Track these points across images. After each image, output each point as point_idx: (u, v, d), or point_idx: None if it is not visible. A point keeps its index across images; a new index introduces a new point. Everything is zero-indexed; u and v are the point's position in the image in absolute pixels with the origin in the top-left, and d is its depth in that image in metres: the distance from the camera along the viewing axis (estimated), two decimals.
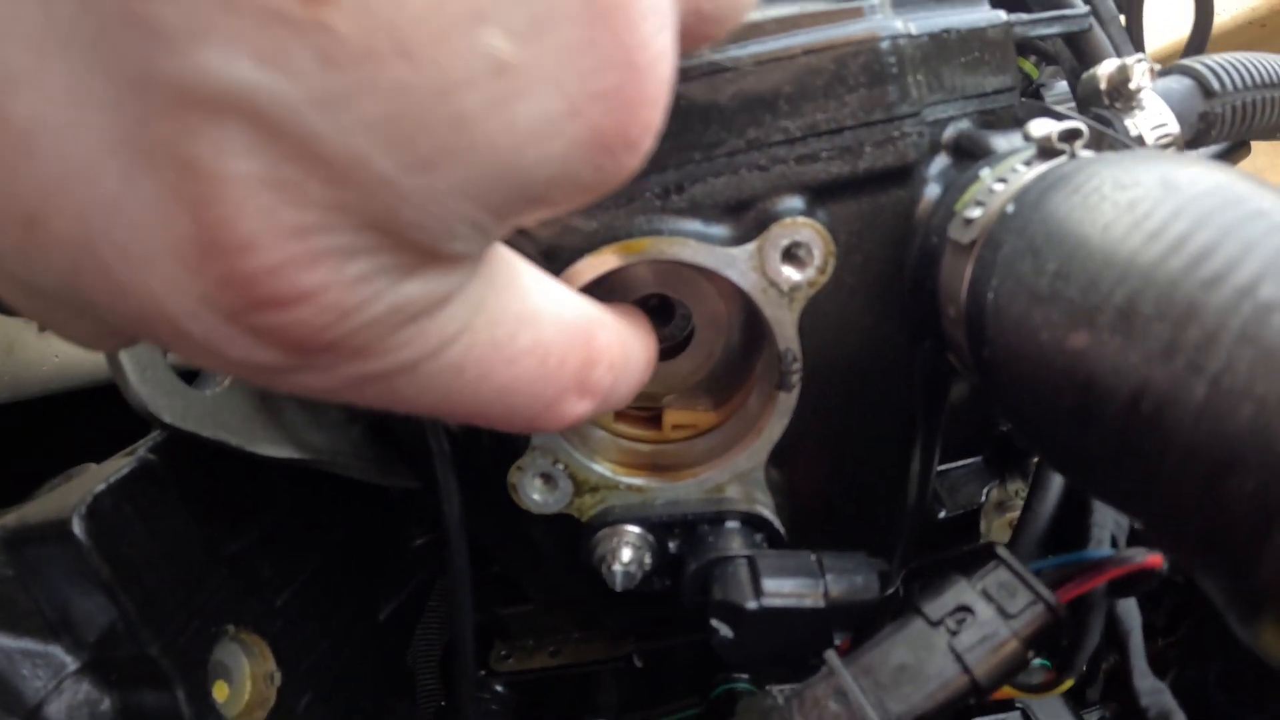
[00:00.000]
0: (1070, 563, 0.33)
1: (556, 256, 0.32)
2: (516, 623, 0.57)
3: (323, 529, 0.53)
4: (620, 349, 0.28)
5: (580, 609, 0.55)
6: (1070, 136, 0.30)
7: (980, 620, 0.30)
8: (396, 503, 0.60)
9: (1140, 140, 0.44)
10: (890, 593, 0.36)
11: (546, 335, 0.24)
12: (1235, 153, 0.58)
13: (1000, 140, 0.34)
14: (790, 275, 0.33)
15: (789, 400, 0.36)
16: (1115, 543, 0.40)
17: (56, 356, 0.73)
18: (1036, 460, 0.48)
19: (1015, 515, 0.48)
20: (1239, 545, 0.19)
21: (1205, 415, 0.19)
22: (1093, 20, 0.49)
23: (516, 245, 0.25)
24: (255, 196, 0.15)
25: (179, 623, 0.40)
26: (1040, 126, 0.30)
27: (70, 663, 0.38)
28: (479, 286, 0.21)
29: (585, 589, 0.42)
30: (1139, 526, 0.41)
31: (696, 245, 0.32)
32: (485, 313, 0.22)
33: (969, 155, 0.34)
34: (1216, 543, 0.20)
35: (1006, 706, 0.45)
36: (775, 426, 0.37)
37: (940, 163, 0.34)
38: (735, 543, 0.38)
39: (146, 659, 0.38)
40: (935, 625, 0.30)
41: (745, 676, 0.51)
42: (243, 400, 0.42)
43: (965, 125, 0.35)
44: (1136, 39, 0.59)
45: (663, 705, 0.54)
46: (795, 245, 0.33)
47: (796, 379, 0.36)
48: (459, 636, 0.41)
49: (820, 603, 0.35)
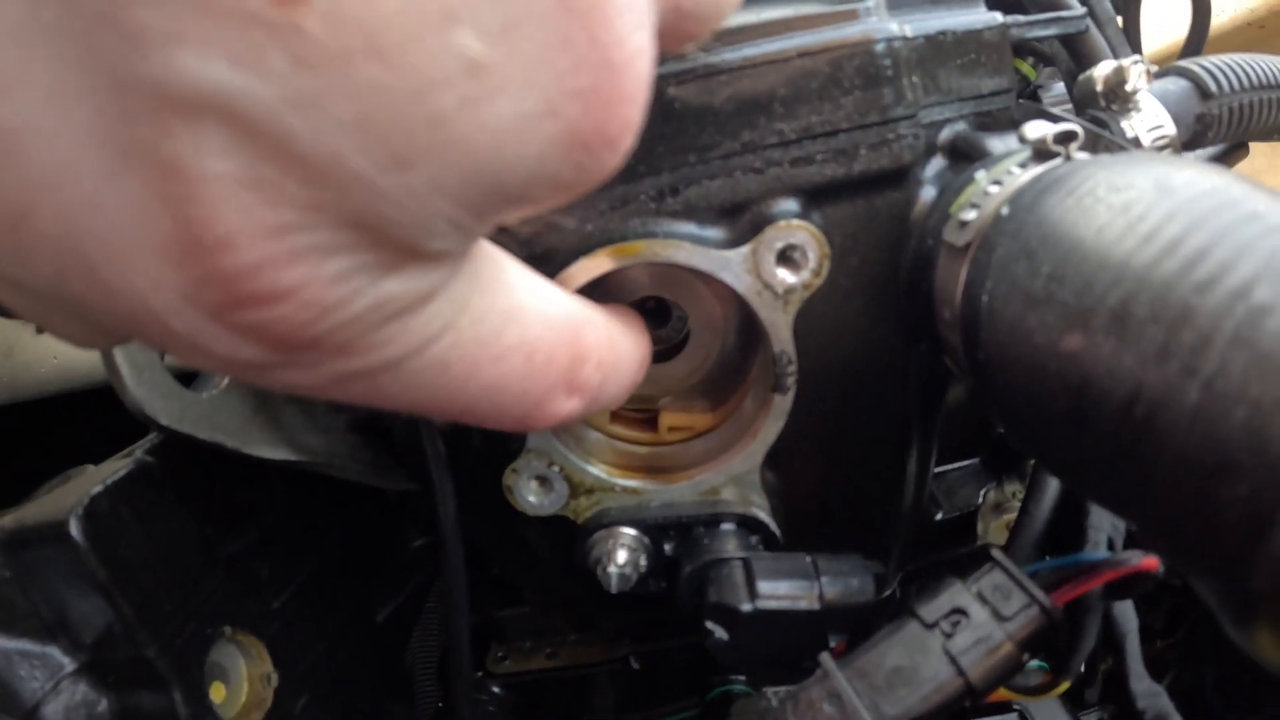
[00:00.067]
0: (1067, 565, 0.33)
1: (551, 259, 0.32)
2: (513, 625, 0.57)
3: (320, 531, 0.53)
4: (610, 348, 0.28)
5: (576, 611, 0.55)
6: (1065, 139, 0.30)
7: (975, 623, 0.30)
8: (393, 505, 0.60)
9: (1137, 142, 0.44)
10: (886, 595, 0.36)
11: (533, 333, 0.24)
12: (1233, 154, 0.58)
13: (996, 142, 0.34)
14: (785, 278, 0.33)
15: (784, 403, 0.36)
16: (1112, 545, 0.40)
17: (54, 358, 0.73)
18: (1033, 462, 0.48)
19: (1012, 517, 0.48)
20: (1233, 549, 0.19)
21: (1199, 419, 0.19)
22: (1089, 22, 0.49)
23: (509, 248, 0.25)
24: (234, 196, 0.15)
25: (176, 624, 0.40)
26: (1035, 129, 0.30)
27: (67, 664, 0.38)
28: (463, 284, 0.21)
29: (581, 591, 0.42)
30: (1134, 529, 0.41)
31: (691, 248, 0.32)
32: (470, 310, 0.22)
33: (964, 157, 0.34)
34: (1210, 546, 0.20)
35: (1004, 709, 0.45)
36: (771, 429, 0.37)
37: (936, 165, 0.34)
38: (730, 545, 0.38)
39: (143, 660, 0.38)
40: (930, 628, 0.30)
41: (741, 679, 0.51)
42: (239, 402, 0.42)
43: (961, 127, 0.35)
44: (1134, 40, 0.59)
45: (659, 707, 0.54)
46: (790, 248, 0.33)
47: (792, 381, 0.36)
48: (455, 638, 0.41)
49: (815, 605, 0.35)
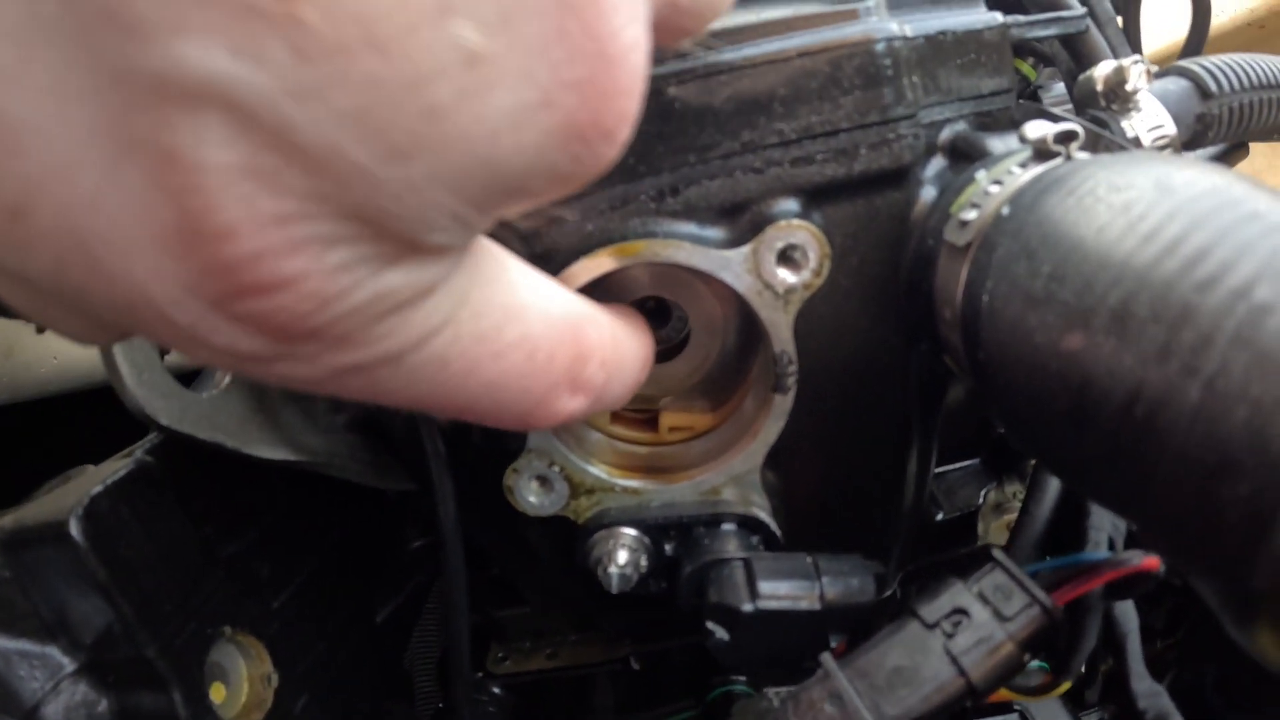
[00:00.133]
0: (1067, 565, 0.33)
1: (551, 259, 0.32)
2: (513, 625, 0.57)
3: (319, 531, 0.53)
4: (613, 346, 0.28)
5: (577, 611, 0.55)
6: (1066, 138, 0.30)
7: (976, 623, 0.30)
8: (393, 505, 0.60)
9: (1137, 142, 0.43)
10: (887, 595, 0.36)
11: (534, 330, 0.24)
12: (1233, 154, 0.58)
13: (996, 142, 0.34)
14: (785, 278, 0.33)
15: (785, 403, 0.36)
16: (1113, 545, 0.40)
17: (55, 358, 0.73)
18: (1034, 462, 0.48)
19: (1013, 517, 0.48)
20: (1234, 548, 0.19)
21: (1200, 418, 0.19)
22: (1089, 22, 0.49)
23: (511, 246, 0.25)
24: (235, 185, 0.15)
25: (176, 624, 0.40)
26: (1036, 128, 0.30)
27: (67, 664, 0.38)
28: (463, 279, 0.21)
29: (581, 591, 0.42)
30: (1135, 529, 0.41)
31: (691, 248, 0.32)
32: (470, 305, 0.21)
33: (965, 157, 0.34)
34: (1211, 546, 0.20)
35: (1005, 709, 0.45)
36: (771, 429, 0.37)
37: (936, 165, 0.34)
38: (731, 545, 0.38)
39: (143, 660, 0.38)
40: (931, 628, 0.30)
41: (741, 679, 0.51)
42: (239, 402, 0.42)
43: (961, 127, 0.35)
44: (1134, 40, 0.59)
45: (659, 707, 0.54)
46: (790, 248, 0.33)
47: (792, 381, 0.35)
48: (455, 638, 0.41)
49: (816, 605, 0.35)
